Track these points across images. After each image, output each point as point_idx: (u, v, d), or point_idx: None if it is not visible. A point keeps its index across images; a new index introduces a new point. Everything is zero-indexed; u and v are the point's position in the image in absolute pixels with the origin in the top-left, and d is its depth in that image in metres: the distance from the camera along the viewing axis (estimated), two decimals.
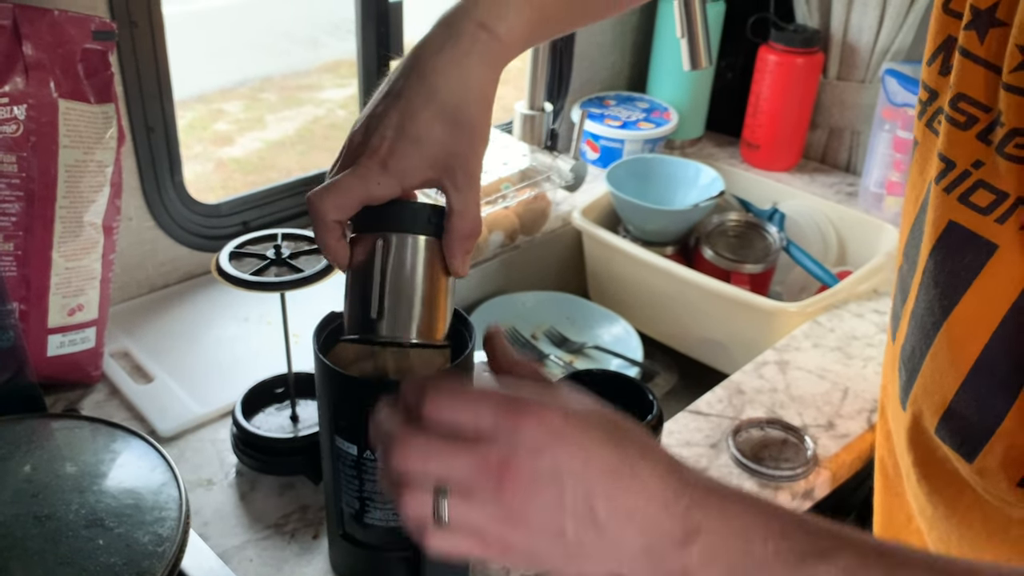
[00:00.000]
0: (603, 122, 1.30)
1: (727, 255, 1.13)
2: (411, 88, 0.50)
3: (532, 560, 0.41)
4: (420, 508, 0.41)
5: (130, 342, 0.90)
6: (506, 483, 0.39)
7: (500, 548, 0.41)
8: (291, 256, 0.69)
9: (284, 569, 0.67)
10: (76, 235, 0.77)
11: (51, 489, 0.58)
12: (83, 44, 0.74)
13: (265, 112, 3.22)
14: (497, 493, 0.39)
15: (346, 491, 0.60)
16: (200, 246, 1.01)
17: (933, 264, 0.51)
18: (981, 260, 0.47)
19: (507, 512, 0.40)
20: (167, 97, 0.92)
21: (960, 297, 0.49)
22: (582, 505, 0.39)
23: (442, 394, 0.41)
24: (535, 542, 0.40)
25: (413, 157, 0.49)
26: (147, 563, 0.53)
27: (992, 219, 0.46)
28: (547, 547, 0.40)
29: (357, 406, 0.57)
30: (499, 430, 0.40)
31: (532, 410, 0.40)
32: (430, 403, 0.41)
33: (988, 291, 0.47)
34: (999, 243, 0.46)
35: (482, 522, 0.40)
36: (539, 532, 0.40)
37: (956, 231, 0.49)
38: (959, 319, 0.49)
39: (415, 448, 0.41)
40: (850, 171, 1.32)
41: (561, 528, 0.40)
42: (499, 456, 0.39)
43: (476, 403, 0.41)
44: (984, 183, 0.47)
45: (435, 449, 0.40)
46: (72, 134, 0.75)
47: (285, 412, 0.78)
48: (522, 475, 0.39)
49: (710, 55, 0.89)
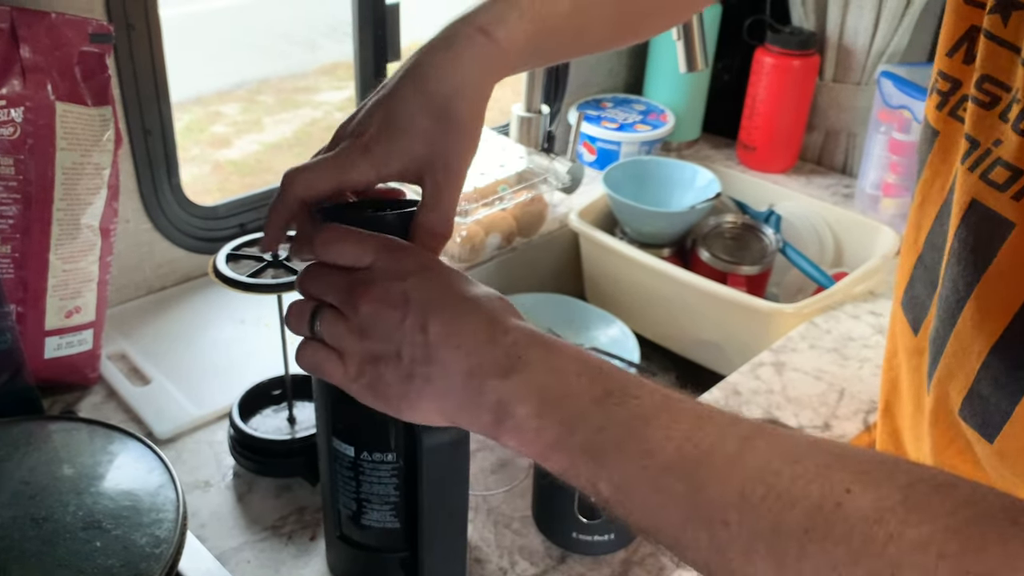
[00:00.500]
0: (600, 124, 1.30)
1: (724, 257, 1.13)
2: (402, 83, 0.51)
3: (376, 388, 0.46)
4: (301, 321, 0.49)
5: (127, 344, 0.90)
6: (362, 299, 0.45)
7: (356, 367, 0.47)
8: (288, 258, 0.69)
9: (281, 571, 0.67)
10: (73, 237, 0.77)
11: (48, 491, 0.58)
12: (80, 47, 0.74)
13: (262, 114, 3.22)
14: (354, 310, 0.46)
15: (343, 492, 0.60)
16: (197, 248, 1.01)
17: (958, 243, 0.51)
18: (1002, 237, 0.47)
19: (358, 325, 0.46)
20: (164, 100, 0.93)
21: (981, 275, 0.49)
22: (418, 329, 0.44)
23: (333, 230, 0.48)
24: (379, 361, 0.46)
25: (394, 144, 0.50)
26: (144, 565, 0.53)
27: (1008, 196, 0.47)
28: (386, 370, 0.45)
29: (354, 408, 0.57)
30: (375, 261, 0.47)
31: (412, 249, 0.48)
32: (321, 236, 0.48)
33: (1008, 269, 0.47)
34: (1016, 221, 0.46)
35: (340, 334, 0.47)
36: (381, 349, 0.45)
37: (977, 209, 0.49)
38: (981, 296, 0.49)
39: (307, 272, 0.49)
40: (846, 173, 1.33)
41: (398, 350, 0.45)
42: (366, 278, 0.46)
43: (364, 240, 0.47)
44: (1001, 160, 0.47)
45: (320, 272, 0.48)
46: (69, 137, 0.75)
47: (282, 414, 0.78)
48: (375, 294, 0.45)
49: (706, 57, 0.90)
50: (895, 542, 0.33)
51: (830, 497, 0.35)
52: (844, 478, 0.36)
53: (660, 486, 0.39)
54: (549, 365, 0.43)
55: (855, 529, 0.34)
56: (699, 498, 0.38)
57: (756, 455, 0.38)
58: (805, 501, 0.36)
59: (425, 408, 0.46)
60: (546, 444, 0.43)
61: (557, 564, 0.69)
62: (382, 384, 0.46)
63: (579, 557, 0.69)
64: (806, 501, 0.36)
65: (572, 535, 0.69)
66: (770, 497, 0.37)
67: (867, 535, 0.34)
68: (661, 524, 0.40)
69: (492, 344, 0.44)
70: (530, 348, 0.44)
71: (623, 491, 0.41)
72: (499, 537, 0.71)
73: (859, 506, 0.35)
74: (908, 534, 0.33)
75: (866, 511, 0.34)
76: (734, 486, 0.37)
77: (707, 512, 0.38)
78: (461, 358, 0.44)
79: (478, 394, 0.44)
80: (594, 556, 0.69)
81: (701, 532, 0.38)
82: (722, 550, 0.38)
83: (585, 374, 0.43)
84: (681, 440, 0.39)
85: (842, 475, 0.36)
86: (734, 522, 0.37)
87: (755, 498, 0.37)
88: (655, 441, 0.40)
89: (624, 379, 0.43)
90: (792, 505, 0.36)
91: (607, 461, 0.41)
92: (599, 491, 0.41)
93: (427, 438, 0.52)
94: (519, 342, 0.44)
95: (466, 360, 0.44)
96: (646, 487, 0.40)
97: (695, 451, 0.39)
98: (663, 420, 0.40)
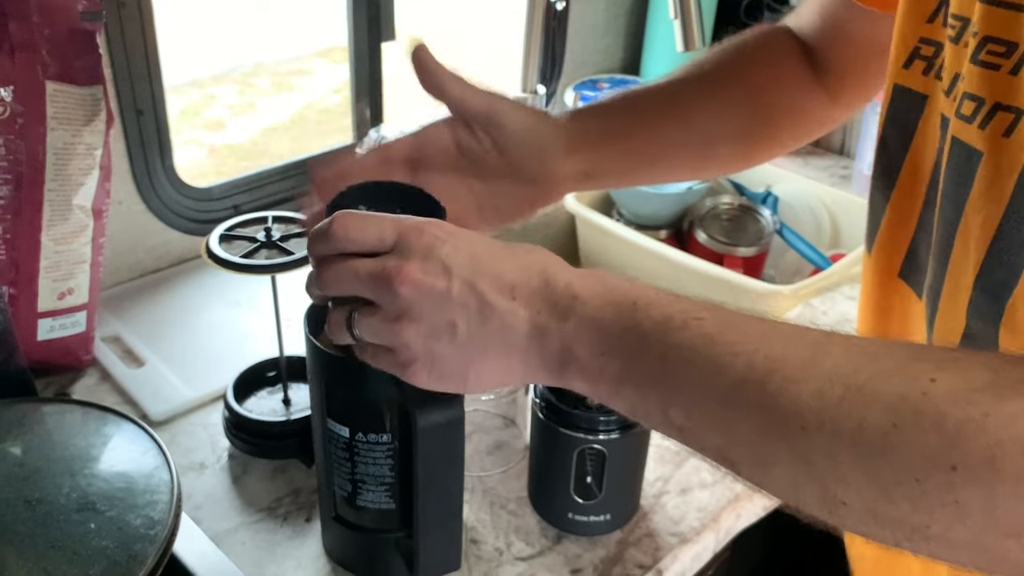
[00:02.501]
0: None
1: (720, 238, 1.13)
2: None
3: (434, 365, 0.44)
4: (340, 331, 0.46)
5: (121, 326, 0.90)
6: (399, 282, 0.43)
7: (407, 355, 0.44)
8: (282, 239, 0.69)
9: (277, 552, 0.67)
10: (65, 218, 0.77)
11: (42, 473, 0.57)
12: (70, 25, 0.74)
13: (258, 97, 3.20)
14: (393, 296, 0.43)
15: (338, 474, 0.60)
16: (191, 230, 1.00)
17: (946, 185, 0.50)
18: (972, 169, 0.47)
19: (402, 310, 0.43)
20: (156, 79, 0.92)
21: (962, 212, 0.49)
22: (468, 292, 0.43)
23: (348, 216, 0.45)
24: (432, 341, 0.44)
25: None
26: (139, 546, 0.53)
27: (976, 126, 0.46)
28: (444, 346, 0.44)
29: (349, 388, 0.57)
30: (400, 241, 0.44)
31: (431, 222, 0.45)
32: (337, 222, 0.45)
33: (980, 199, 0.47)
34: (984, 150, 0.46)
35: (385, 328, 0.44)
36: (432, 327, 0.43)
37: (956, 145, 0.48)
38: (963, 231, 0.49)
39: (325, 274, 0.46)
40: (844, 154, 1.32)
41: (452, 321, 0.43)
42: (396, 262, 0.43)
43: (381, 221, 0.45)
44: (967, 93, 0.47)
45: (340, 268, 0.45)
46: (60, 116, 0.74)
47: (277, 395, 0.78)
48: (413, 273, 0.43)
49: (703, 36, 0.89)
50: (992, 420, 0.31)
51: (915, 387, 0.33)
52: (926, 368, 0.34)
53: (732, 402, 0.38)
54: (606, 300, 0.42)
55: (947, 415, 0.32)
56: (774, 406, 0.36)
57: (831, 358, 0.36)
58: (888, 395, 0.34)
59: (491, 372, 0.45)
60: (613, 380, 0.42)
61: (553, 544, 0.69)
62: (441, 362, 0.44)
63: (575, 537, 0.69)
64: (889, 395, 0.34)
65: (568, 515, 0.69)
66: (850, 395, 0.34)
67: (960, 419, 0.32)
68: (738, 444, 0.38)
69: (547, 289, 0.43)
70: (585, 287, 0.43)
71: (695, 415, 0.39)
72: (495, 518, 0.71)
73: (947, 391, 0.33)
74: (1005, 408, 0.31)
75: (956, 395, 0.33)
76: (810, 389, 0.35)
77: (783, 420, 0.36)
78: (520, 308, 0.43)
79: (542, 343, 0.43)
80: (590, 536, 0.69)
81: (780, 443, 0.36)
82: (805, 458, 0.36)
83: (643, 304, 0.42)
84: (750, 354, 0.38)
85: (924, 366, 0.34)
86: (813, 425, 0.35)
87: (833, 397, 0.35)
88: (723, 358, 0.38)
89: (684, 304, 0.41)
90: (874, 401, 0.34)
91: (676, 386, 0.40)
92: (671, 419, 0.40)
93: (421, 418, 0.52)
94: (573, 283, 0.43)
95: (525, 310, 0.43)
96: (718, 406, 0.38)
97: (765, 362, 0.37)
98: (729, 337, 0.39)
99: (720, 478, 0.75)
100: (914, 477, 0.33)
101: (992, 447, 0.31)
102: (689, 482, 0.75)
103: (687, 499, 0.73)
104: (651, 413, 0.41)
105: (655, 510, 0.72)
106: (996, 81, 0.45)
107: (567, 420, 0.65)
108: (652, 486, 0.74)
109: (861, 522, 0.36)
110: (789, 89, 0.68)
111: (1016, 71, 0.44)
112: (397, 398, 0.55)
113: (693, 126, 0.66)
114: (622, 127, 0.64)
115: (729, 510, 0.73)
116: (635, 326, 0.41)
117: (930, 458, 0.32)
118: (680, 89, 0.66)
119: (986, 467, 0.31)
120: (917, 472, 0.33)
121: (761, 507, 0.76)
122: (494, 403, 0.78)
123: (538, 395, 0.67)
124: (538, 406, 0.67)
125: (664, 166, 0.68)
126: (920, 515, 0.33)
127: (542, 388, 0.67)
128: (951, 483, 0.32)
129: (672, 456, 0.77)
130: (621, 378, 0.42)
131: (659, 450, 0.77)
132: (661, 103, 0.65)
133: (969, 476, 0.32)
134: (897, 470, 0.33)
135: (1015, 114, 0.44)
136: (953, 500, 0.32)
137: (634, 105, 0.65)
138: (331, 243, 0.45)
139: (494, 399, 0.77)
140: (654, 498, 0.73)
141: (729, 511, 0.72)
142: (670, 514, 0.72)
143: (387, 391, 0.54)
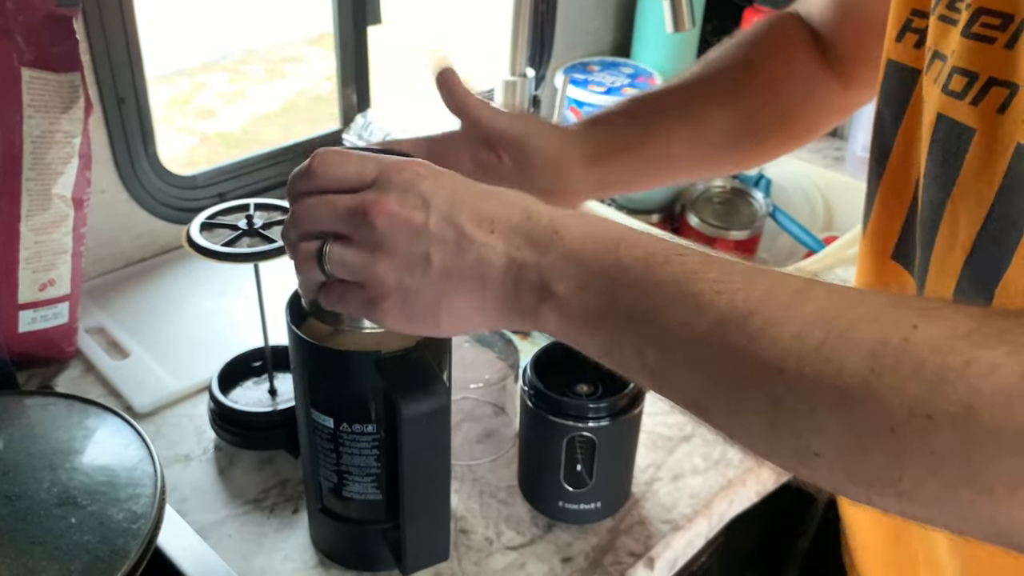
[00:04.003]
0: (587, 88, 1.28)
1: (713, 222, 1.12)
2: None
3: (406, 301, 0.43)
4: (309, 263, 0.45)
5: (105, 317, 0.89)
6: (375, 214, 0.42)
7: (378, 291, 0.43)
8: (264, 226, 0.68)
9: (264, 544, 0.66)
10: (45, 208, 0.75)
11: (22, 467, 0.56)
12: (46, 10, 0.72)
13: (249, 85, 3.18)
14: (369, 228, 0.42)
15: (324, 465, 0.59)
16: (176, 219, 0.99)
17: (930, 163, 0.49)
18: (963, 147, 0.46)
19: (377, 242, 0.42)
20: (137, 66, 0.90)
21: (952, 190, 0.48)
22: (446, 225, 0.42)
23: (329, 152, 0.45)
24: (405, 274, 0.42)
25: None
26: (122, 541, 0.52)
27: (967, 103, 0.45)
28: (417, 280, 0.43)
29: (332, 378, 0.56)
30: (380, 176, 0.43)
31: (413, 161, 0.44)
32: (317, 159, 0.44)
33: (973, 177, 0.46)
34: (976, 127, 0.45)
35: (358, 260, 0.43)
36: (407, 259, 0.42)
37: (943, 123, 0.47)
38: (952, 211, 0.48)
39: (299, 209, 0.45)
40: (837, 136, 1.31)
41: (427, 253, 0.42)
42: (375, 195, 0.43)
43: (362, 158, 0.44)
44: (957, 68, 0.46)
45: (316, 202, 0.44)
46: (36, 104, 0.72)
47: (263, 386, 0.77)
48: (390, 206, 0.42)
49: (693, 17, 0.87)
50: (973, 368, 0.30)
51: (896, 333, 0.32)
52: (909, 315, 0.33)
53: (711, 340, 0.36)
54: (586, 233, 0.41)
55: (926, 362, 0.31)
56: (752, 348, 0.35)
57: (813, 302, 0.35)
58: (869, 341, 0.33)
59: (463, 310, 0.43)
60: (590, 317, 0.40)
61: (544, 533, 0.68)
62: (414, 299, 0.43)
63: (565, 526, 0.69)
64: (870, 340, 0.33)
65: (558, 504, 0.68)
66: (831, 339, 0.33)
67: (941, 366, 0.31)
68: (713, 387, 0.37)
69: (529, 224, 0.42)
70: (568, 224, 0.42)
71: (671, 355, 0.38)
72: (485, 507, 0.70)
73: (929, 338, 0.32)
74: (986, 357, 0.30)
75: (937, 342, 0.31)
76: (790, 331, 0.34)
77: (762, 362, 0.35)
78: (498, 241, 0.42)
79: (518, 277, 0.42)
80: (580, 525, 0.69)
81: (756, 386, 0.35)
82: (781, 403, 0.34)
83: (625, 241, 0.41)
84: (732, 293, 0.36)
85: (907, 313, 0.33)
86: (792, 370, 0.34)
87: (814, 341, 0.34)
88: (705, 296, 0.37)
89: (668, 244, 0.40)
90: (855, 346, 0.33)
91: (654, 323, 0.38)
92: (645, 360, 0.39)
93: (406, 408, 0.51)
94: (555, 219, 0.42)
95: (504, 244, 0.42)
96: (696, 347, 0.37)
97: (747, 303, 0.36)
98: (712, 275, 0.38)
99: (712, 464, 0.74)
100: (890, 426, 0.32)
101: (971, 396, 0.30)
102: (681, 468, 0.74)
103: (679, 485, 0.72)
104: (625, 354, 0.40)
105: (647, 497, 0.71)
106: (990, 55, 0.44)
107: (556, 408, 0.64)
108: (643, 473, 0.73)
109: (832, 474, 0.34)
110: (803, 79, 0.67)
111: (1012, 44, 0.43)
112: (382, 387, 0.54)
113: (708, 126, 0.65)
114: (637, 136, 0.63)
115: (722, 496, 0.72)
116: (617, 262, 0.40)
117: (907, 406, 0.31)
118: (694, 90, 0.66)
119: (964, 416, 0.30)
120: (894, 420, 0.32)
121: (754, 492, 0.75)
122: (483, 391, 0.77)
123: (527, 383, 0.66)
124: (527, 394, 0.66)
125: (681, 168, 0.67)
126: (893, 468, 0.32)
127: (531, 376, 0.66)
128: (926, 432, 0.31)
129: (664, 442, 0.76)
130: (599, 315, 0.40)
131: (651, 437, 0.76)
132: (675, 105, 0.65)
133: (946, 425, 0.31)
134: (874, 418, 0.32)
135: (1010, 89, 0.43)
136: (928, 451, 0.31)
137: (648, 110, 0.64)
138: (311, 180, 0.45)
139: (483, 387, 0.76)
140: (646, 485, 0.72)
141: (722, 497, 0.72)
142: (662, 501, 0.71)
143: (371, 380, 0.53)
